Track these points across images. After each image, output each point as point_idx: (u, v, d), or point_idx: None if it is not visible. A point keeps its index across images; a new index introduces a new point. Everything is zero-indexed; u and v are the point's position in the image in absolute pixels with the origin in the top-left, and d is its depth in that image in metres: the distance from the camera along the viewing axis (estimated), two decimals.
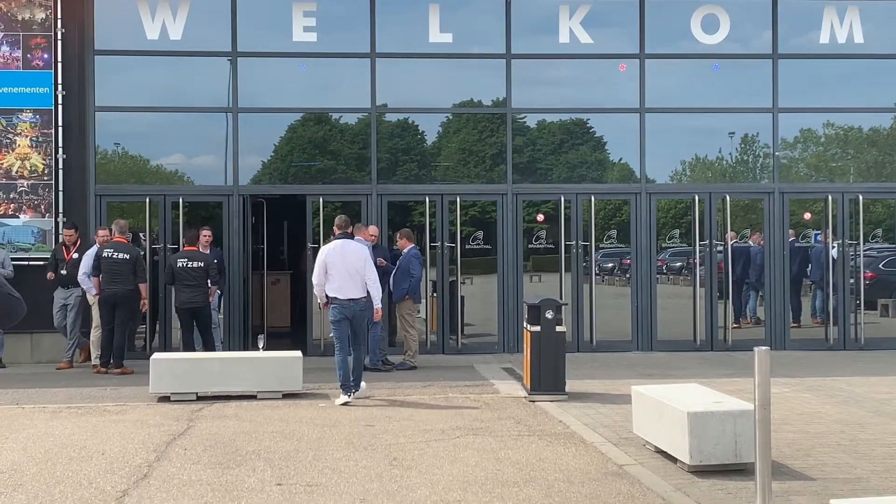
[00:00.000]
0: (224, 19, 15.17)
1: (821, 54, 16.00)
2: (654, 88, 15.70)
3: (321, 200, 15.15)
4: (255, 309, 16.34)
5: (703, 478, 7.21)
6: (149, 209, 14.96)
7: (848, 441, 8.55)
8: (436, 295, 15.27)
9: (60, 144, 14.60)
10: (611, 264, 16.50)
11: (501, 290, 15.42)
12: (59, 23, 14.59)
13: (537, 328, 10.76)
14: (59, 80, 14.59)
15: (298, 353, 11.67)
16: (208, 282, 13.14)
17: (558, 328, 10.80)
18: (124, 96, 15.30)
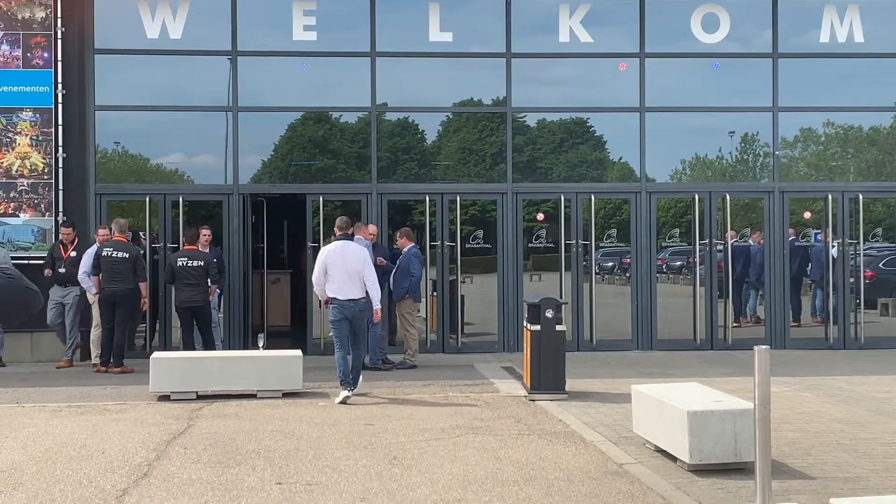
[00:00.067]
0: (224, 18, 15.17)
1: (821, 53, 15.99)
2: (654, 87, 15.71)
3: (321, 199, 15.15)
4: (255, 308, 16.34)
5: (702, 477, 7.22)
6: (149, 208, 14.96)
7: (848, 440, 8.56)
8: (436, 294, 15.27)
9: (60, 143, 14.60)
10: (611, 263, 16.50)
11: (501, 289, 15.42)
12: (59, 22, 14.59)
13: (537, 327, 10.76)
14: (59, 79, 14.59)
15: (298, 352, 11.67)
16: (208, 281, 13.14)
17: (558, 327, 10.80)
18: (124, 95, 15.30)
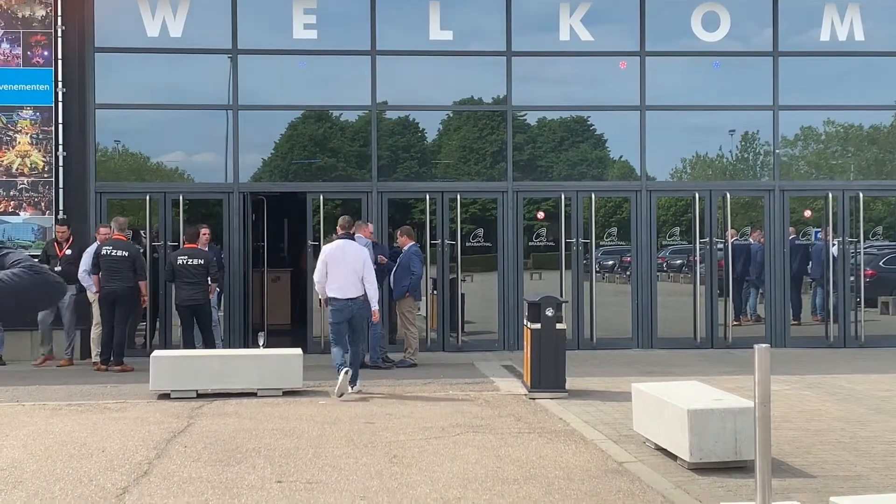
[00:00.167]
0: (224, 16, 15.16)
1: (821, 52, 15.97)
2: (654, 86, 15.70)
3: (321, 198, 15.14)
4: (256, 306, 16.34)
5: (703, 475, 7.22)
6: (149, 206, 14.95)
7: (848, 438, 8.56)
8: (436, 292, 15.27)
9: (61, 142, 14.59)
10: (611, 262, 16.49)
11: (502, 287, 15.41)
12: (59, 20, 14.57)
13: (537, 326, 10.76)
14: (60, 78, 14.58)
15: (299, 350, 11.68)
16: (208, 279, 13.14)
17: (558, 326, 10.81)
18: (125, 93, 15.29)
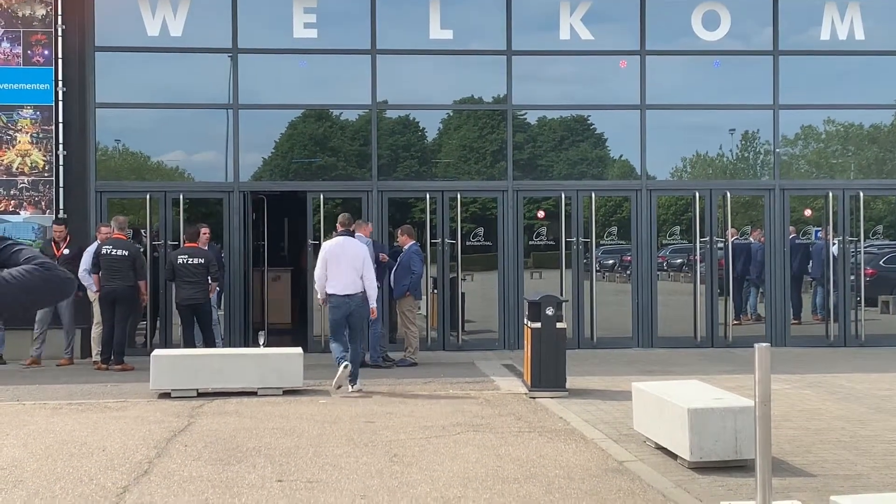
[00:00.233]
0: (224, 16, 15.16)
1: (821, 51, 15.97)
2: (654, 85, 15.69)
3: (322, 197, 15.13)
4: (256, 305, 16.33)
5: (703, 474, 7.22)
6: (149, 206, 14.95)
7: (848, 438, 8.56)
8: (436, 291, 15.27)
9: (61, 141, 14.58)
10: (611, 261, 16.49)
11: (502, 286, 15.41)
12: (59, 19, 14.57)
13: (538, 325, 10.76)
14: (60, 77, 14.57)
15: (299, 349, 11.68)
16: (209, 278, 13.14)
17: (559, 325, 10.81)
18: (125, 93, 15.28)
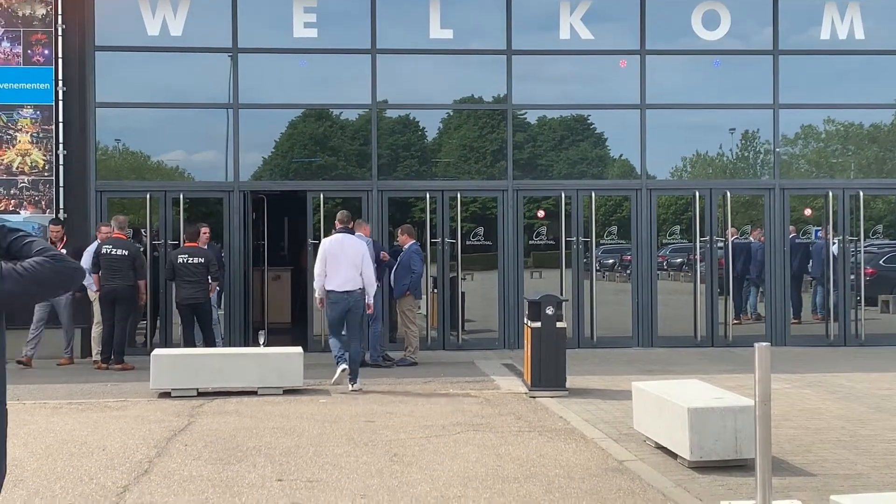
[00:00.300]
0: (225, 15, 15.16)
1: (821, 50, 15.97)
2: (654, 84, 15.69)
3: (322, 196, 15.14)
4: (256, 305, 16.34)
5: (703, 474, 7.22)
6: (149, 205, 14.96)
7: (848, 437, 8.56)
8: (436, 291, 15.27)
9: (61, 140, 14.58)
10: (611, 260, 16.50)
11: (502, 286, 15.42)
12: (59, 19, 14.57)
13: (538, 324, 10.76)
14: (60, 77, 14.57)
15: (299, 348, 11.69)
16: (209, 278, 13.15)
17: (559, 324, 10.81)
18: (125, 92, 15.29)
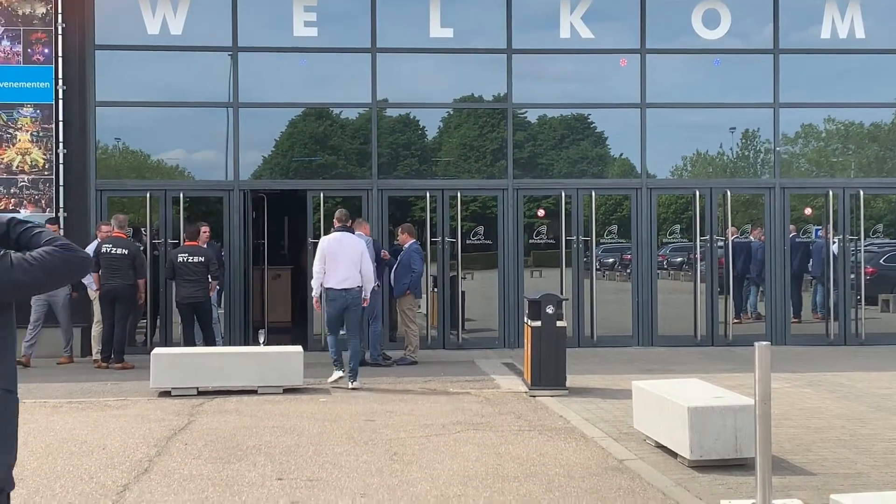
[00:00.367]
0: (225, 14, 15.16)
1: (822, 49, 15.97)
2: (654, 83, 15.69)
3: (322, 195, 15.14)
4: (256, 304, 16.34)
5: (703, 473, 7.22)
6: (149, 204, 14.96)
7: (848, 436, 8.56)
8: (436, 290, 15.27)
9: (61, 139, 14.58)
10: (611, 259, 16.51)
11: (502, 285, 15.42)
12: (59, 18, 14.56)
13: (538, 323, 10.76)
14: (60, 75, 14.57)
15: (299, 347, 11.69)
16: (209, 277, 13.14)
17: (559, 323, 10.81)
18: (125, 91, 15.29)
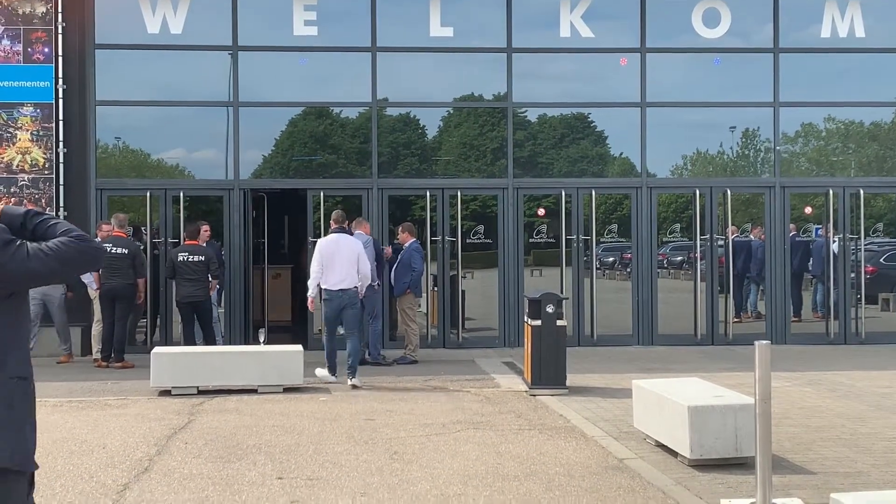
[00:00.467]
0: (225, 13, 15.16)
1: (822, 48, 15.97)
2: (654, 82, 15.69)
3: (322, 195, 15.14)
4: (256, 303, 16.34)
5: (703, 472, 7.22)
6: (149, 203, 14.96)
7: (848, 435, 8.56)
8: (437, 289, 15.27)
9: (61, 138, 14.58)
10: (612, 258, 16.50)
11: (502, 284, 15.42)
12: (59, 17, 14.56)
13: (538, 322, 10.76)
14: (60, 75, 14.57)
15: (299, 346, 11.69)
16: (209, 276, 13.15)
17: (559, 322, 10.81)
18: (125, 90, 15.29)
